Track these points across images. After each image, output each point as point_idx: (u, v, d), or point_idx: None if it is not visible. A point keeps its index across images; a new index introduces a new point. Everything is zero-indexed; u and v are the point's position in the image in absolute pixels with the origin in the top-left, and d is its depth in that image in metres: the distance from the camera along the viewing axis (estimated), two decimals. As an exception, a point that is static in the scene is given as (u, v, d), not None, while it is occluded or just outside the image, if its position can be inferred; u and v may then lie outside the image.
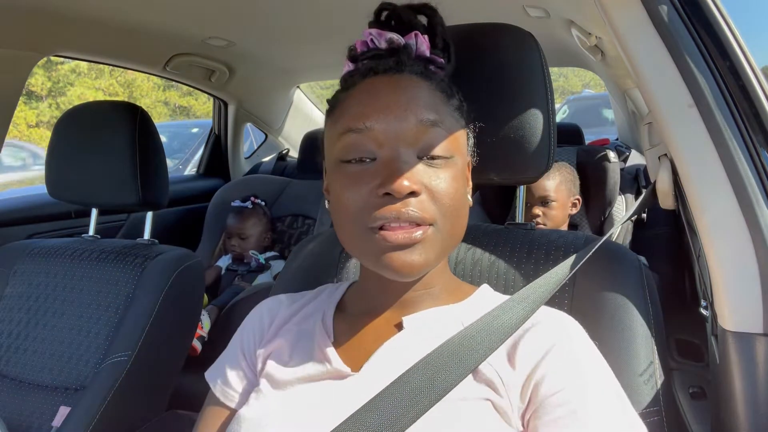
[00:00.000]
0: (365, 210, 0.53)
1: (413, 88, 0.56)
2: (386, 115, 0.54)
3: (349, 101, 0.58)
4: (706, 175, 0.59)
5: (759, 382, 0.56)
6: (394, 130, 0.54)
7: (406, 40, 0.61)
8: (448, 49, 0.65)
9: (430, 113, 0.55)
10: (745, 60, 0.60)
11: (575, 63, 2.31)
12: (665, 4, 0.61)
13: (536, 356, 0.53)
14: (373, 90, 0.56)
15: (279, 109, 2.69)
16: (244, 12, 1.58)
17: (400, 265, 0.53)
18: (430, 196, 0.53)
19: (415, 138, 0.54)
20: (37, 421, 1.05)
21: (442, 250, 0.56)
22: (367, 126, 0.54)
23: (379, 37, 0.62)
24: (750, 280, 0.57)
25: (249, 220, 2.01)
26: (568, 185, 1.60)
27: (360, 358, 0.57)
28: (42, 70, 12.68)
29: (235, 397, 0.64)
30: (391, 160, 0.53)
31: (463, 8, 1.41)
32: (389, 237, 0.52)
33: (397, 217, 0.51)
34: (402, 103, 0.54)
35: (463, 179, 0.58)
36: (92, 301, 1.14)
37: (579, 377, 0.51)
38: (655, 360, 0.65)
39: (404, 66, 0.58)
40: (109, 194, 1.21)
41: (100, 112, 1.23)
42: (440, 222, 0.54)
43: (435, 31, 0.64)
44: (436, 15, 0.64)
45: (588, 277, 0.70)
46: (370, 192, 0.53)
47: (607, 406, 0.50)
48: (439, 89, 0.59)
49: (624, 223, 0.93)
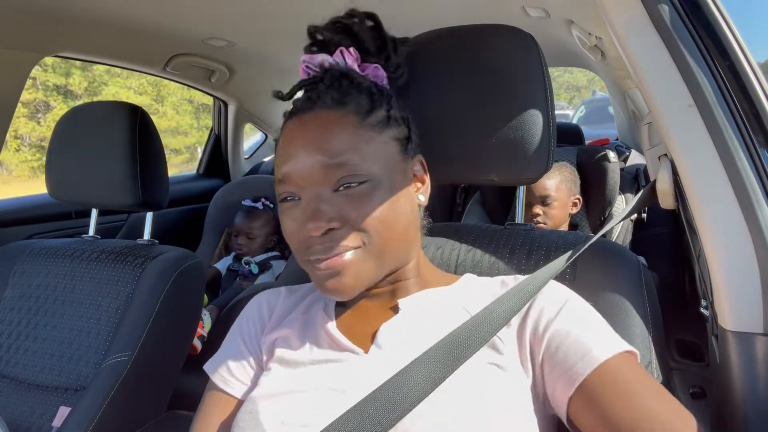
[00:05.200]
0: (301, 245, 0.60)
1: (318, 128, 0.59)
2: (295, 161, 0.58)
3: (279, 145, 0.62)
4: (706, 175, 0.60)
5: (759, 381, 0.56)
6: (303, 175, 0.58)
7: (335, 59, 0.64)
8: (384, 48, 0.67)
9: (335, 150, 0.57)
10: (745, 60, 0.60)
11: (575, 63, 2.31)
12: (665, 4, 0.61)
13: (535, 314, 0.59)
14: (289, 135, 0.61)
15: (279, 110, 2.68)
16: (244, 12, 1.58)
17: (333, 288, 0.59)
18: (351, 225, 0.57)
19: (325, 177, 0.58)
20: (38, 422, 1.05)
21: (377, 265, 0.60)
22: (283, 174, 0.59)
23: (311, 61, 0.65)
24: (750, 280, 0.57)
25: (258, 220, 2.01)
26: (568, 185, 1.60)
27: (364, 339, 0.61)
28: (79, 70, 13.05)
29: (235, 384, 0.66)
30: (308, 202, 0.58)
31: (462, 9, 1.41)
32: (321, 266, 0.58)
33: (323, 252, 0.57)
34: (306, 146, 0.58)
35: (390, 193, 0.60)
36: (92, 301, 1.14)
37: (576, 314, 0.57)
38: (653, 360, 0.65)
39: (314, 102, 0.60)
40: (109, 194, 1.21)
41: (100, 113, 1.23)
42: (368, 242, 0.58)
43: (362, 37, 0.65)
44: (362, 21, 0.66)
45: (587, 278, 0.70)
46: (299, 230, 0.59)
47: (605, 327, 0.57)
48: (353, 112, 0.60)
49: (623, 220, 0.94)
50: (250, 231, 1.99)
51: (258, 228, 2.00)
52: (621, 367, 0.52)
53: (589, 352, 0.53)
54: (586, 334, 0.55)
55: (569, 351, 0.54)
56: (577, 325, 0.56)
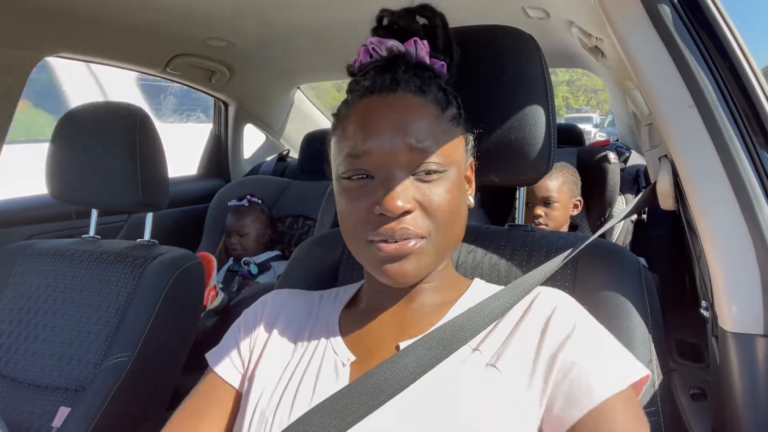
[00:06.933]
0: (364, 225, 0.58)
1: (405, 110, 0.58)
2: (379, 139, 0.57)
3: (349, 121, 0.61)
4: (707, 175, 0.60)
5: (759, 382, 0.56)
6: (386, 154, 0.57)
7: (406, 47, 0.63)
8: (449, 50, 0.66)
9: (420, 135, 0.57)
10: (745, 60, 0.60)
11: (576, 64, 2.31)
12: (665, 4, 0.61)
13: (548, 342, 0.57)
14: (368, 112, 0.59)
15: (279, 110, 2.69)
16: (244, 12, 1.58)
17: (395, 273, 0.58)
18: (423, 211, 0.58)
19: (407, 159, 0.57)
20: (38, 422, 1.05)
21: (435, 257, 0.60)
22: (364, 150, 0.58)
23: (379, 45, 0.64)
24: (750, 281, 0.57)
25: (247, 217, 2.02)
26: (570, 186, 1.60)
27: (365, 350, 0.61)
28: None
29: (234, 375, 0.66)
30: (385, 180, 0.57)
31: (462, 9, 1.41)
32: (384, 248, 0.57)
33: (392, 236, 0.56)
34: (393, 127, 0.57)
35: (458, 187, 0.61)
36: (92, 301, 1.14)
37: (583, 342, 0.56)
38: (653, 361, 0.65)
39: (398, 84, 0.60)
40: (110, 195, 1.21)
41: (100, 113, 1.23)
42: (433, 234, 0.58)
43: (435, 33, 0.65)
44: (436, 16, 0.65)
45: (587, 279, 0.70)
46: (368, 209, 0.58)
47: (611, 355, 0.56)
48: (433, 103, 0.60)
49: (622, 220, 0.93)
50: (240, 228, 2.00)
51: (248, 224, 2.01)
52: (614, 413, 0.51)
53: (589, 392, 0.52)
54: (588, 369, 0.53)
55: (572, 386, 0.53)
56: (582, 356, 0.54)
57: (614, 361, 0.55)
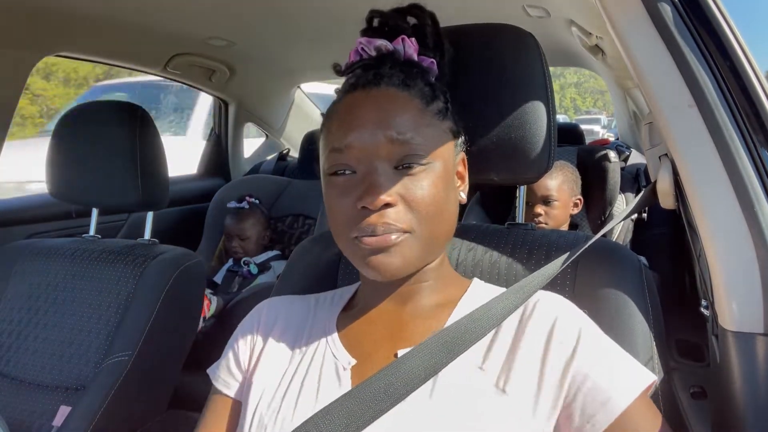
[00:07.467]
0: (349, 222, 0.58)
1: (387, 103, 0.58)
2: (360, 132, 0.57)
3: (334, 117, 0.61)
4: (707, 175, 0.59)
5: (759, 382, 0.56)
6: (367, 147, 0.57)
7: (394, 46, 0.63)
8: (440, 48, 0.66)
9: (402, 127, 0.57)
10: (746, 60, 0.60)
11: (576, 63, 2.31)
12: (666, 3, 0.61)
13: (553, 355, 0.57)
14: (351, 107, 0.60)
15: (280, 109, 2.69)
16: (244, 12, 1.58)
17: (378, 264, 0.57)
18: (406, 205, 0.57)
19: (389, 152, 0.57)
20: (38, 421, 1.06)
21: (422, 252, 0.59)
22: (345, 144, 0.58)
23: (368, 45, 0.64)
24: (750, 280, 0.57)
25: (248, 220, 2.01)
26: (570, 185, 1.60)
27: (363, 353, 0.61)
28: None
29: (234, 387, 0.67)
30: (367, 174, 0.57)
31: (462, 8, 1.41)
32: (367, 242, 0.57)
33: (374, 230, 0.56)
34: (374, 120, 0.58)
35: (444, 182, 0.60)
36: (93, 300, 1.14)
37: (591, 351, 0.56)
38: (654, 359, 0.65)
39: (382, 79, 0.60)
40: (110, 194, 1.21)
41: (100, 112, 1.23)
42: (417, 229, 0.58)
43: (424, 31, 0.65)
44: (425, 15, 0.66)
45: (588, 278, 0.70)
46: (352, 205, 0.57)
47: (619, 361, 0.56)
48: (418, 96, 0.60)
49: (623, 220, 0.93)
50: (241, 232, 1.98)
51: (249, 228, 1.99)
52: (637, 420, 0.52)
53: (608, 402, 0.52)
54: (602, 380, 0.53)
55: (587, 400, 0.53)
56: (593, 367, 0.54)
57: (625, 367, 0.55)
